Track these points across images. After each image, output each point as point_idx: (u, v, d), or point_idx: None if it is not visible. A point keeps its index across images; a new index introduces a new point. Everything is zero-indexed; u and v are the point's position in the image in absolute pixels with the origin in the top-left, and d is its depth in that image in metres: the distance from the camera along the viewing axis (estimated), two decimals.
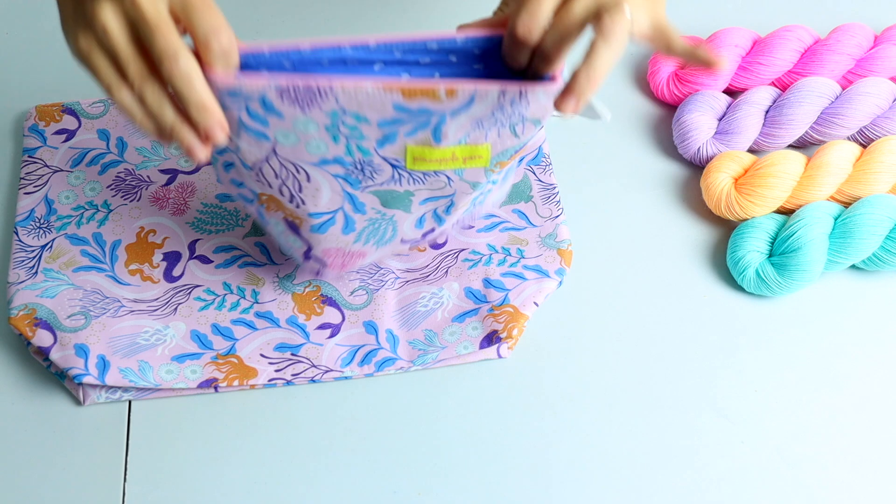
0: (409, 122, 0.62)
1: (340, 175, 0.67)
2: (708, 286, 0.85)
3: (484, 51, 0.62)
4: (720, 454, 0.77)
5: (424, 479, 0.76)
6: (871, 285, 0.85)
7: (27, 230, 0.84)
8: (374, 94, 0.60)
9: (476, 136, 0.64)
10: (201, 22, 0.56)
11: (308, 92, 0.60)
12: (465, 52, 0.62)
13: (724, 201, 0.86)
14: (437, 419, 0.78)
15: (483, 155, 0.66)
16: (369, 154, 0.65)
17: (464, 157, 0.65)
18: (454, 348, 0.80)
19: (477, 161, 0.66)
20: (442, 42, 0.62)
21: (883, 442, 0.78)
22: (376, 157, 0.65)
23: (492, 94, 0.59)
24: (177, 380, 0.78)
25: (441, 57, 0.63)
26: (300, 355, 0.80)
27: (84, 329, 0.78)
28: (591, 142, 0.92)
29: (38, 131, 0.90)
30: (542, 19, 0.59)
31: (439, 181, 0.68)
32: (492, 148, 0.65)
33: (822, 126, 0.90)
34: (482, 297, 0.82)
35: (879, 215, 0.83)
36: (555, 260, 0.83)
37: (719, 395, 0.80)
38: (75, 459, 0.76)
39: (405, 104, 0.60)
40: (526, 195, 0.87)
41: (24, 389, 0.79)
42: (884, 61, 0.93)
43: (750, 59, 0.93)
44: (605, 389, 0.80)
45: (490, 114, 0.62)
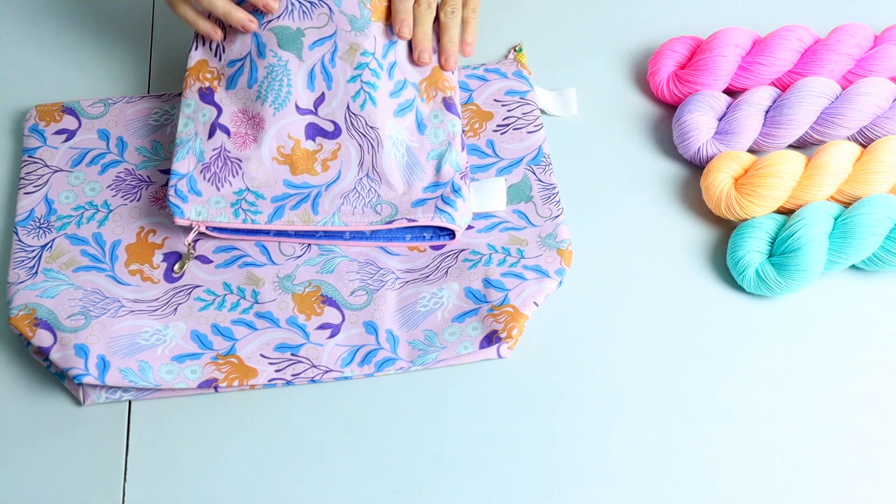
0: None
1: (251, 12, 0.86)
2: (708, 286, 0.85)
3: None
4: (720, 454, 0.77)
5: (424, 479, 0.76)
6: (871, 285, 0.85)
7: (27, 230, 0.84)
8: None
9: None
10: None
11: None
12: None
13: (724, 201, 0.86)
14: (437, 419, 0.78)
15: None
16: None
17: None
18: (454, 348, 0.80)
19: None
20: None
21: (883, 442, 0.78)
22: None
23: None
24: (177, 380, 0.78)
25: None
26: (300, 355, 0.80)
27: (84, 329, 0.78)
28: (591, 142, 0.92)
29: (38, 131, 0.90)
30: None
31: (322, 15, 0.85)
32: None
33: (822, 126, 0.90)
34: (482, 297, 0.82)
35: (879, 215, 0.83)
36: (555, 260, 0.83)
37: (719, 395, 0.80)
38: (75, 459, 0.76)
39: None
40: (526, 195, 0.87)
41: (24, 389, 0.79)
42: (884, 61, 0.93)
43: (750, 59, 0.93)
44: (605, 389, 0.80)
45: None
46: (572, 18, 1.01)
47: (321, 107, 0.86)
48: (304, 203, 0.84)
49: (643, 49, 0.98)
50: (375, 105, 0.85)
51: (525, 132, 0.90)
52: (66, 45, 0.98)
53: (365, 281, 0.83)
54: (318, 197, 0.84)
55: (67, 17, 1.00)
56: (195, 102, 0.86)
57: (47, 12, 1.00)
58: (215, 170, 0.84)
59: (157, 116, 0.91)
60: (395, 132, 0.86)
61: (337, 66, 0.86)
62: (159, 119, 0.91)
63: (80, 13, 1.00)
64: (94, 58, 0.97)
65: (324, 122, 0.86)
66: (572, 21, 1.00)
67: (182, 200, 0.82)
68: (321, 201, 0.84)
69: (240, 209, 0.83)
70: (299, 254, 0.84)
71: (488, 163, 0.89)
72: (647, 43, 0.98)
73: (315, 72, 0.86)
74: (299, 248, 0.84)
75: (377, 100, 0.85)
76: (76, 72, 0.96)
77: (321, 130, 0.86)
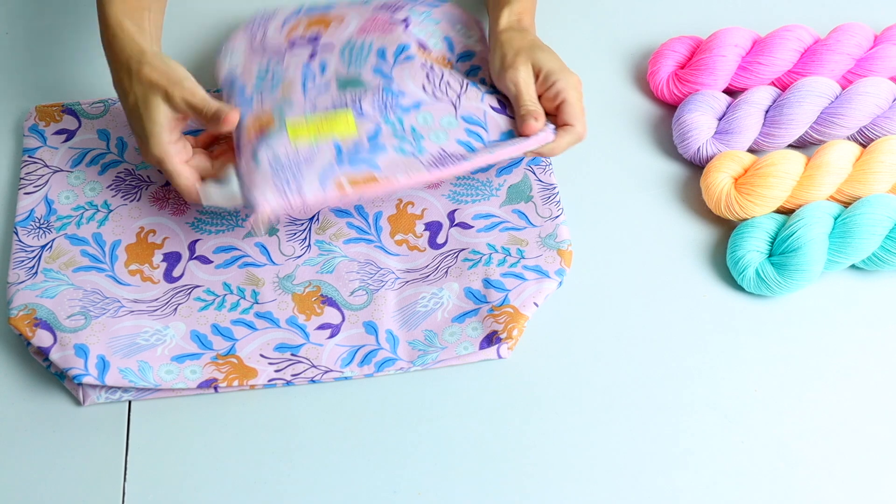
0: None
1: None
2: (708, 286, 0.85)
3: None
4: (720, 454, 0.77)
5: (424, 479, 0.76)
6: (871, 285, 0.85)
7: (27, 230, 0.84)
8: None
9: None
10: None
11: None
12: None
13: (724, 201, 0.86)
14: (437, 419, 0.78)
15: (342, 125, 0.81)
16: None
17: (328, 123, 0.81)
18: (454, 349, 0.80)
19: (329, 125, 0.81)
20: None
21: (883, 441, 0.78)
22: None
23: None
24: (176, 380, 0.78)
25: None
26: (300, 355, 0.80)
27: (84, 329, 0.78)
28: (591, 142, 0.92)
29: (38, 131, 0.90)
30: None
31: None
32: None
33: (822, 126, 0.90)
34: (482, 298, 0.82)
35: (879, 215, 0.83)
36: (555, 260, 0.83)
37: (719, 395, 0.80)
38: (75, 459, 0.77)
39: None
40: (526, 195, 0.87)
41: (24, 389, 0.79)
42: (884, 61, 0.93)
43: (750, 59, 0.93)
44: (605, 389, 0.80)
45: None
46: (572, 18, 1.01)
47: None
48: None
49: (643, 49, 0.98)
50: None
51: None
52: (66, 45, 0.98)
53: (365, 281, 0.83)
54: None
55: (67, 17, 1.00)
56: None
57: (47, 12, 1.00)
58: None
59: None
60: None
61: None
62: None
63: (80, 13, 1.00)
64: (94, 58, 0.97)
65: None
66: (572, 21, 1.00)
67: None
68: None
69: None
70: (299, 254, 0.84)
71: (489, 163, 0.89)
72: (647, 43, 0.98)
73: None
74: (299, 248, 0.84)
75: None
76: (76, 72, 0.96)
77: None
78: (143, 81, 0.78)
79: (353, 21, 0.90)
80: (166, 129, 0.78)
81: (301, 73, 0.86)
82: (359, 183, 0.78)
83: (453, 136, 0.82)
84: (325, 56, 0.87)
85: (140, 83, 0.78)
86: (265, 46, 0.90)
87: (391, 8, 0.92)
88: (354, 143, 0.80)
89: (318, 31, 0.90)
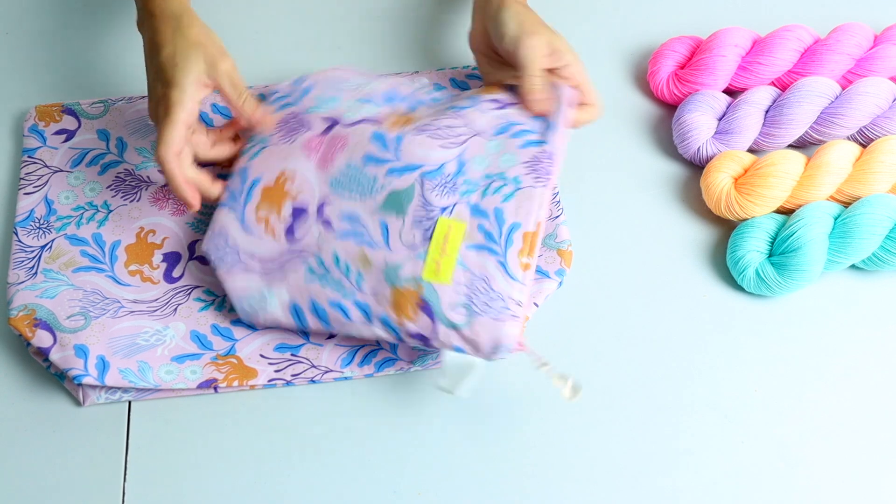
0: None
1: (434, 170, 0.79)
2: (708, 286, 0.85)
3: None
4: (720, 454, 0.77)
5: (424, 479, 0.76)
6: (871, 285, 0.85)
7: (27, 230, 0.84)
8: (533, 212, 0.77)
9: (461, 277, 0.75)
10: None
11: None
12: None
13: (724, 201, 0.86)
14: (437, 419, 0.78)
15: (440, 277, 0.75)
16: (465, 195, 0.77)
17: (441, 263, 0.75)
18: None
19: (433, 272, 0.75)
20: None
21: (883, 441, 0.78)
22: (459, 198, 0.77)
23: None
24: (176, 380, 0.78)
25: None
26: (300, 356, 0.79)
27: (84, 330, 0.78)
28: (591, 142, 0.92)
29: (37, 131, 0.90)
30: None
31: (412, 237, 0.76)
32: (447, 284, 0.75)
33: (822, 126, 0.89)
34: None
35: (879, 215, 0.83)
36: (555, 260, 0.83)
37: (719, 395, 0.80)
38: (75, 459, 0.77)
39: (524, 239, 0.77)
40: None
41: (24, 390, 0.79)
42: (884, 61, 0.93)
43: (750, 59, 0.93)
44: (605, 389, 0.80)
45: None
46: (572, 18, 1.00)
47: (317, 224, 0.78)
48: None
49: (643, 49, 0.98)
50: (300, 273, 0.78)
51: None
52: (66, 45, 0.98)
53: None
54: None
55: (67, 17, 1.00)
56: (364, 109, 0.83)
57: (47, 12, 1.00)
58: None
59: None
60: (279, 296, 0.78)
61: (352, 251, 0.77)
62: None
63: (80, 13, 1.00)
64: (94, 58, 0.97)
65: (304, 227, 0.78)
66: (572, 21, 1.00)
67: None
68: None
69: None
70: None
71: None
72: (647, 43, 0.98)
73: (353, 221, 0.78)
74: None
75: (308, 280, 0.78)
76: (76, 72, 0.96)
77: (301, 212, 0.79)
78: (190, 37, 0.76)
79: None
80: (194, 85, 0.75)
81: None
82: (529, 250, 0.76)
83: (511, 150, 0.80)
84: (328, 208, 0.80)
85: (185, 38, 0.76)
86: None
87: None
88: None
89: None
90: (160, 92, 0.76)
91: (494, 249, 0.75)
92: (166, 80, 0.76)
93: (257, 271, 0.79)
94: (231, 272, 0.79)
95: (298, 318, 0.78)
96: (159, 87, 0.76)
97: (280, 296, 0.78)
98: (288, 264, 0.78)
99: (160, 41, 0.77)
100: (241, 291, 0.79)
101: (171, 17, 0.77)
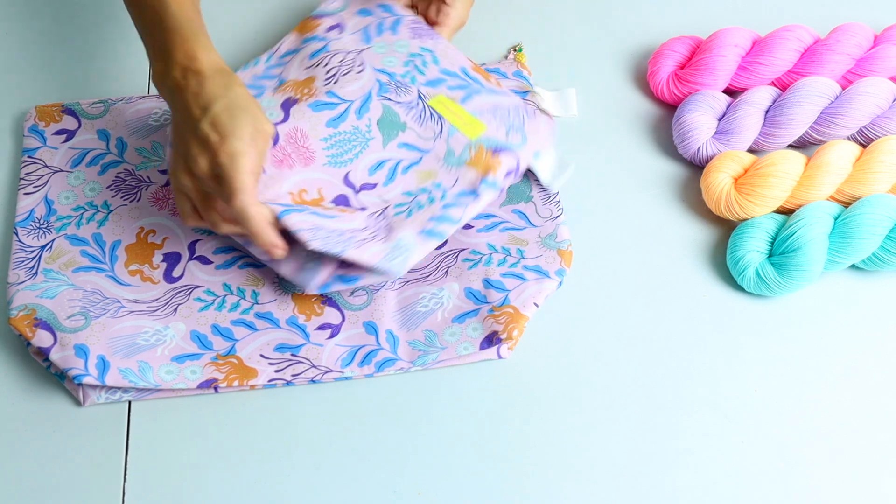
0: (458, 81, 0.88)
1: (382, 82, 0.86)
2: (708, 286, 0.85)
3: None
4: (720, 454, 0.77)
5: (424, 479, 0.76)
6: (871, 285, 0.85)
7: (27, 230, 0.84)
8: (458, 56, 0.90)
9: (484, 118, 0.85)
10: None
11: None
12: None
13: (724, 201, 0.86)
14: (437, 419, 0.78)
15: (477, 128, 0.85)
16: (415, 81, 0.87)
17: (464, 122, 0.85)
18: (454, 349, 0.80)
19: (469, 129, 0.85)
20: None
21: (883, 441, 0.78)
22: (417, 85, 0.87)
23: (517, 99, 0.88)
24: (176, 380, 0.78)
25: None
26: (300, 356, 0.80)
27: (84, 329, 0.78)
28: (592, 142, 0.92)
29: (37, 131, 0.90)
30: None
31: (431, 130, 0.85)
32: (485, 130, 0.85)
33: (822, 126, 0.90)
34: (482, 298, 0.81)
35: (879, 215, 0.83)
36: (555, 260, 0.83)
37: (719, 395, 0.80)
38: (75, 459, 0.77)
39: (470, 73, 0.89)
40: (526, 195, 0.87)
41: (24, 389, 0.79)
42: (884, 61, 0.93)
43: (750, 59, 0.93)
44: (605, 389, 0.80)
45: (506, 110, 0.86)
46: (572, 18, 1.01)
47: (365, 192, 0.82)
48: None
49: (643, 49, 0.98)
50: (408, 217, 0.81)
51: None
52: (66, 45, 0.98)
53: None
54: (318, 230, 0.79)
55: (67, 17, 1.00)
56: (276, 104, 0.84)
57: (47, 12, 1.00)
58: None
59: (156, 117, 0.91)
60: (407, 240, 0.79)
61: (406, 175, 0.83)
62: (159, 119, 0.91)
63: (79, 13, 1.00)
64: (94, 58, 0.97)
65: (355, 202, 0.82)
66: (572, 21, 1.00)
67: None
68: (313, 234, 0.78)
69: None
70: None
71: None
72: (647, 43, 0.98)
73: (384, 165, 0.83)
74: None
75: (414, 215, 0.81)
76: (76, 72, 0.96)
77: (347, 203, 0.82)
78: (242, 96, 0.75)
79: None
80: (250, 139, 0.74)
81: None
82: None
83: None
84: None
85: (237, 95, 0.75)
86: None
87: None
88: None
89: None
90: (215, 143, 0.73)
91: (487, 88, 0.88)
92: (224, 132, 0.73)
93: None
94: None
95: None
96: (213, 136, 0.73)
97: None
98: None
99: (212, 93, 0.74)
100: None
101: (221, 72, 0.76)
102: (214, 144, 0.73)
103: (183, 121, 0.75)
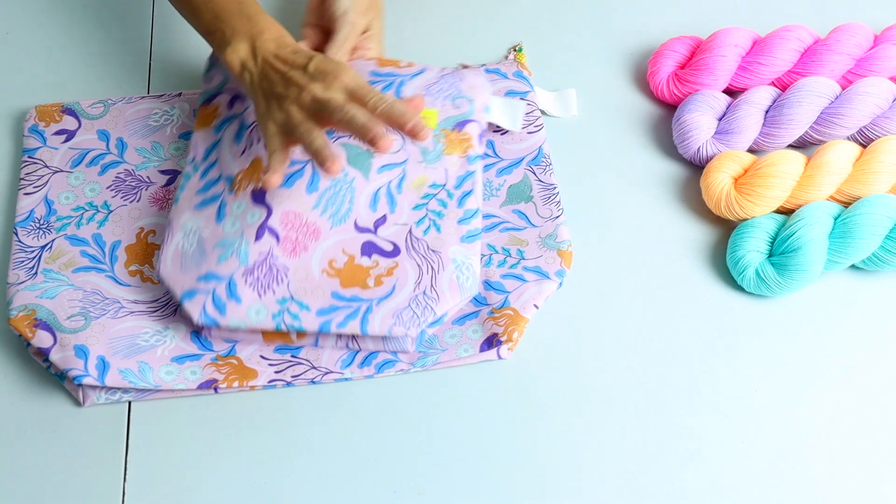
0: (379, 84, 0.86)
1: None
2: (708, 286, 0.85)
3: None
4: (720, 454, 0.77)
5: (424, 479, 0.76)
6: (871, 285, 0.85)
7: (27, 231, 0.84)
8: (361, 64, 0.88)
9: (427, 102, 0.86)
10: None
11: None
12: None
13: (723, 201, 0.86)
14: (437, 419, 0.78)
15: (430, 117, 0.86)
16: None
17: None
18: (454, 351, 0.79)
19: (427, 121, 0.85)
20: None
21: (883, 442, 0.78)
22: None
23: (434, 69, 0.89)
24: (176, 381, 0.78)
25: None
26: (300, 357, 0.79)
27: (84, 330, 0.78)
28: (591, 142, 0.92)
29: (37, 132, 0.90)
30: None
31: (394, 141, 0.81)
32: (438, 114, 0.86)
33: (822, 126, 0.89)
34: (482, 300, 0.81)
35: (879, 215, 0.83)
36: (555, 261, 0.83)
37: (719, 395, 0.80)
38: (75, 459, 0.77)
39: (381, 71, 0.87)
40: (526, 195, 0.87)
41: (24, 390, 0.79)
42: (884, 61, 0.93)
43: (750, 59, 0.93)
44: (605, 390, 0.80)
45: (437, 84, 0.88)
46: (572, 18, 1.01)
47: (381, 227, 0.82)
48: (351, 320, 0.77)
49: (643, 49, 0.98)
50: (440, 231, 0.82)
51: (525, 132, 0.90)
52: (66, 45, 0.98)
53: None
54: (369, 312, 0.78)
55: (67, 17, 1.00)
56: (247, 204, 0.81)
57: (47, 12, 1.00)
58: (258, 275, 0.78)
59: (156, 117, 0.91)
60: (461, 256, 0.81)
61: (403, 192, 0.83)
62: (159, 119, 0.91)
63: (80, 13, 1.00)
64: (94, 58, 0.97)
65: (382, 242, 0.81)
66: (572, 21, 1.00)
67: (220, 313, 0.77)
68: (371, 318, 0.77)
69: (282, 321, 0.77)
70: None
71: (488, 163, 0.89)
72: (647, 43, 0.98)
73: (379, 194, 0.83)
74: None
75: (442, 227, 0.82)
76: (76, 72, 0.96)
77: (379, 249, 0.81)
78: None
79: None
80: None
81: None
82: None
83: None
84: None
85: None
86: None
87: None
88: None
89: None
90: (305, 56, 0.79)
91: (405, 75, 0.88)
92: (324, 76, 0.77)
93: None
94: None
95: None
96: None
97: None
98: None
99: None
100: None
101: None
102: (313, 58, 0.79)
103: (282, 75, 0.78)
